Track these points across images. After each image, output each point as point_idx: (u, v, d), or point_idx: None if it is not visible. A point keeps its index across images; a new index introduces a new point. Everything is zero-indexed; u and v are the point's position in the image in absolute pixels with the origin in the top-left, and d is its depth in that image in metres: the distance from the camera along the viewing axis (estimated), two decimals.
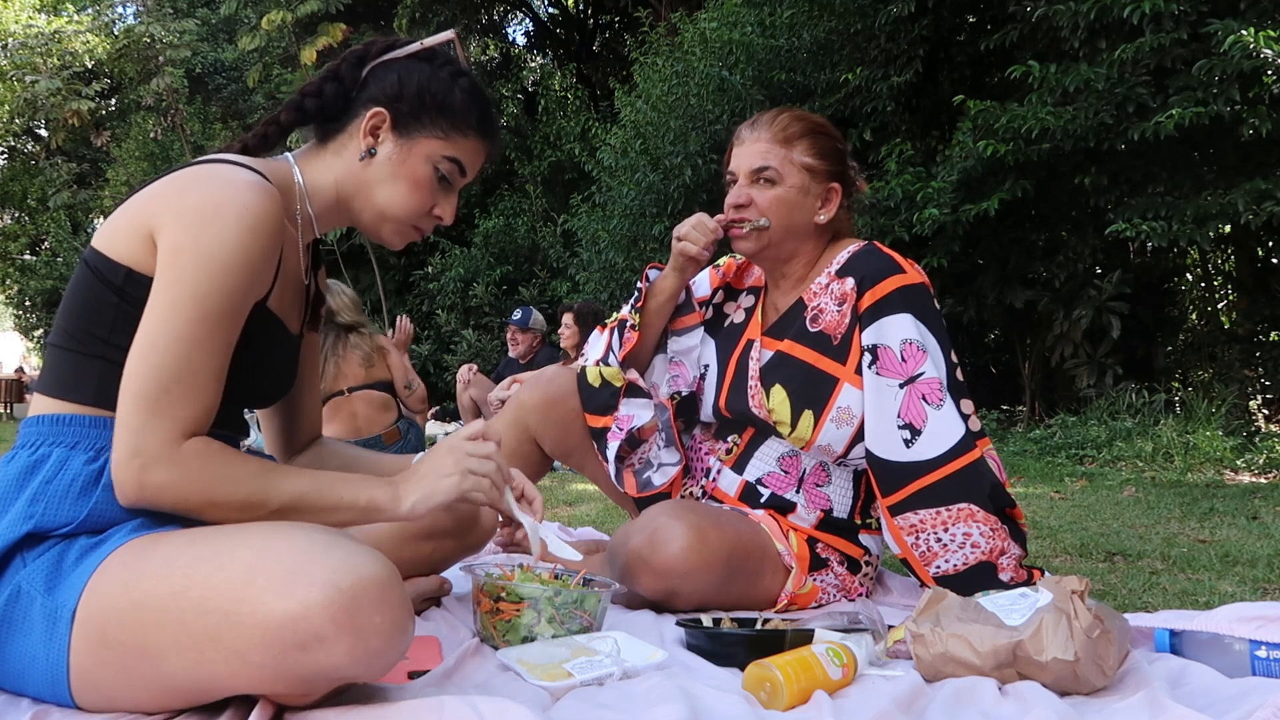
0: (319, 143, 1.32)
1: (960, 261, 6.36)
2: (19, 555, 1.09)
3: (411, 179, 1.28)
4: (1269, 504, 3.27)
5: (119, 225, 1.15)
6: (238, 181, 1.13)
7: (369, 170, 1.28)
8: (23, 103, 15.15)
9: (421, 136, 1.28)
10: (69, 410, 1.15)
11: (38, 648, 1.05)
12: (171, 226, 1.11)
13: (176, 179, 1.16)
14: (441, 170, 1.30)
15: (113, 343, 1.14)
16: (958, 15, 7.11)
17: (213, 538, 1.05)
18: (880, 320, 1.68)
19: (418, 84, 1.28)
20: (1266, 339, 6.67)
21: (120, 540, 1.08)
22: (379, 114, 1.27)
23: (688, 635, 1.44)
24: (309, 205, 1.29)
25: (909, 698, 1.16)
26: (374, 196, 1.29)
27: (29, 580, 1.07)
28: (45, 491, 1.11)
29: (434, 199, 1.31)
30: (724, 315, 1.96)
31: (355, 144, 1.28)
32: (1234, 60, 4.68)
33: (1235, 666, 1.26)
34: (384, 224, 1.31)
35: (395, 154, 1.28)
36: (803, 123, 1.78)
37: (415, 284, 12.24)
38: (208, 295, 1.09)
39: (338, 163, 1.29)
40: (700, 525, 1.62)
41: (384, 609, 0.98)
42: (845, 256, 1.79)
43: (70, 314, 1.17)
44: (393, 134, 1.28)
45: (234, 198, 1.11)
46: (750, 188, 1.76)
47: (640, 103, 7.83)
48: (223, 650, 0.97)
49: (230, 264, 1.10)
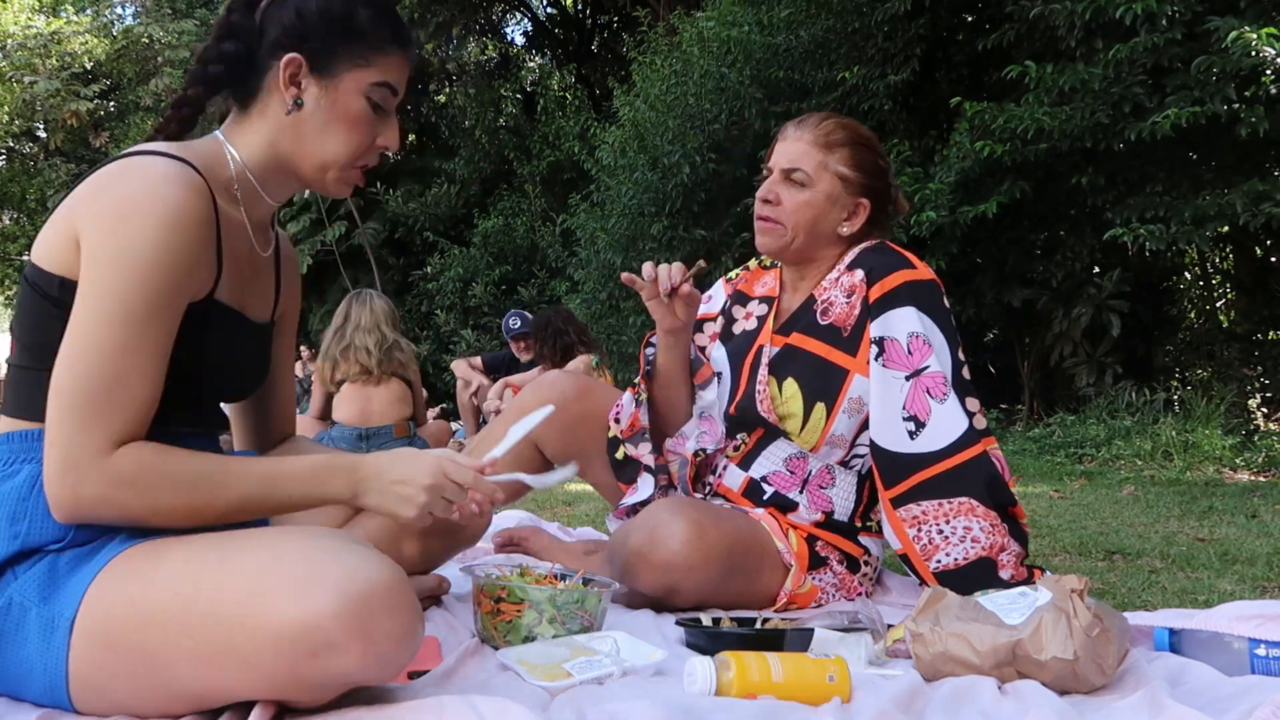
0: (240, 109, 1.22)
1: (959, 261, 6.36)
2: (9, 570, 1.07)
3: (347, 118, 1.19)
4: (1268, 502, 3.28)
5: (48, 235, 1.11)
6: (156, 174, 1.07)
7: (300, 122, 1.19)
8: (21, 104, 15.13)
9: (343, 70, 1.18)
10: (33, 426, 1.12)
11: (34, 657, 1.04)
12: (90, 229, 1.06)
13: (95, 177, 1.10)
14: (374, 99, 1.20)
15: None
16: (955, 15, 7.12)
17: (219, 545, 1.04)
18: (888, 313, 1.69)
19: (319, 12, 1.18)
20: (1265, 338, 6.68)
21: (117, 548, 1.06)
22: (293, 60, 1.17)
23: (687, 634, 1.44)
24: (250, 177, 1.20)
25: (908, 697, 1.16)
26: (314, 147, 1.19)
27: (21, 592, 1.05)
28: (24, 509, 1.08)
29: (374, 130, 1.22)
30: (734, 320, 1.96)
31: (278, 99, 1.18)
32: (1234, 58, 4.68)
33: (1234, 665, 1.26)
34: (328, 173, 1.22)
35: (323, 96, 1.18)
36: (846, 131, 1.78)
37: (414, 284, 12.24)
38: (129, 299, 1.04)
39: (265, 124, 1.20)
40: (700, 521, 1.62)
41: (395, 614, 0.98)
42: (856, 252, 1.80)
43: (21, 332, 1.14)
44: (313, 76, 1.18)
45: (150, 192, 1.06)
46: (780, 185, 1.77)
47: (639, 102, 7.82)
48: (233, 658, 0.97)
49: (150, 263, 1.05)
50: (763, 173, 1.84)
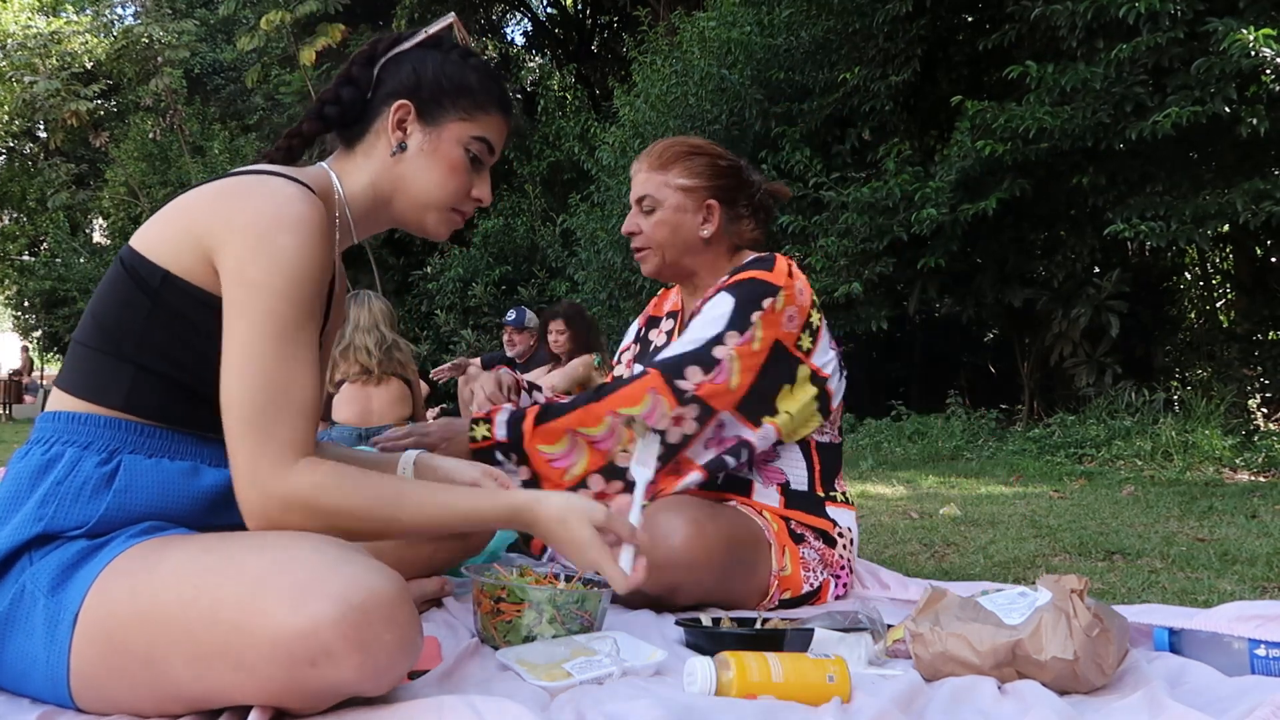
0: (346, 148, 1.32)
1: (959, 261, 6.36)
2: (27, 554, 1.08)
3: (447, 164, 1.29)
4: (1268, 502, 3.28)
5: (161, 228, 1.16)
6: (288, 193, 1.14)
7: (402, 164, 1.29)
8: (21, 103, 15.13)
9: (447, 121, 1.29)
10: (90, 410, 1.14)
11: (39, 649, 1.05)
12: (233, 245, 1.11)
13: (224, 190, 1.15)
14: (472, 151, 1.31)
15: (145, 348, 1.14)
16: (956, 15, 7.12)
17: (223, 547, 1.05)
18: (714, 297, 1.80)
19: (433, 71, 1.29)
20: (1265, 338, 6.68)
21: (124, 544, 1.07)
22: (403, 106, 1.27)
23: (687, 634, 1.44)
24: (348, 212, 1.29)
25: (908, 697, 1.16)
26: (412, 188, 1.29)
27: (33, 580, 1.06)
28: (57, 492, 1.10)
29: (470, 181, 1.32)
30: (649, 342, 2.06)
31: (383, 141, 1.29)
32: (1233, 59, 4.68)
33: (1234, 665, 1.26)
34: (428, 214, 1.31)
35: (425, 143, 1.28)
36: (678, 147, 1.90)
37: (414, 284, 12.24)
38: (283, 312, 1.10)
39: (369, 164, 1.30)
40: (698, 518, 1.63)
41: (394, 627, 0.99)
42: (743, 261, 1.89)
43: (101, 313, 1.16)
44: (419, 123, 1.28)
45: (288, 210, 1.12)
46: (638, 216, 1.91)
47: (639, 102, 7.83)
48: (230, 662, 0.97)
49: (297, 275, 1.11)
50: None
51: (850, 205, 6.22)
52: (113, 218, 16.24)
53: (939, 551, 2.49)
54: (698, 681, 1.16)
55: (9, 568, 1.08)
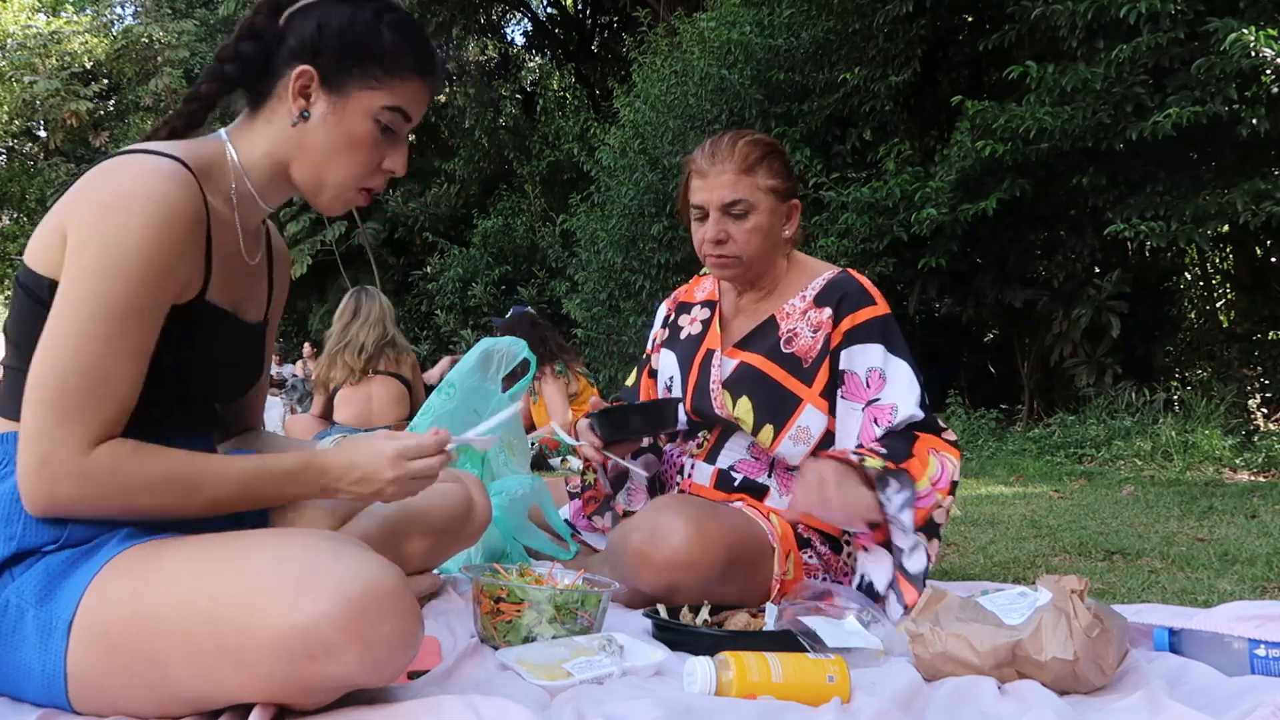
0: (251, 111, 1.21)
1: (959, 261, 6.36)
2: (5, 572, 1.06)
3: (350, 139, 1.18)
4: (1268, 503, 3.28)
5: (40, 236, 1.10)
6: (144, 170, 1.07)
7: (304, 135, 1.18)
8: (21, 103, 15.13)
9: (354, 89, 1.17)
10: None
11: (32, 658, 1.04)
12: (76, 223, 1.05)
13: (89, 175, 1.09)
14: (384, 121, 1.19)
15: None
16: (956, 15, 7.12)
17: (219, 546, 1.04)
18: (852, 348, 1.76)
19: (339, 29, 1.16)
20: (1265, 338, 6.68)
21: (114, 549, 1.06)
22: (305, 72, 1.16)
23: (653, 624, 1.47)
24: (247, 182, 1.19)
25: (908, 697, 1.16)
26: (313, 162, 1.19)
27: (18, 594, 1.05)
28: (18, 512, 1.07)
29: (380, 154, 1.21)
30: (679, 328, 2.01)
31: (285, 108, 1.17)
32: (1233, 59, 4.68)
33: (1234, 665, 1.26)
34: (325, 191, 1.21)
35: (330, 113, 1.17)
36: (759, 146, 1.80)
37: (414, 284, 12.24)
38: (112, 294, 1.03)
39: (270, 130, 1.19)
40: (699, 518, 1.63)
41: (393, 619, 0.98)
42: (821, 284, 1.83)
43: (13, 333, 1.13)
44: (323, 91, 1.16)
45: (137, 188, 1.05)
46: (724, 221, 1.78)
47: (639, 102, 7.82)
48: (231, 661, 0.97)
49: (134, 259, 1.03)
50: (691, 215, 1.84)
51: (850, 205, 6.22)
52: None
53: (939, 551, 2.48)
54: (698, 681, 1.16)
55: None
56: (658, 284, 7.34)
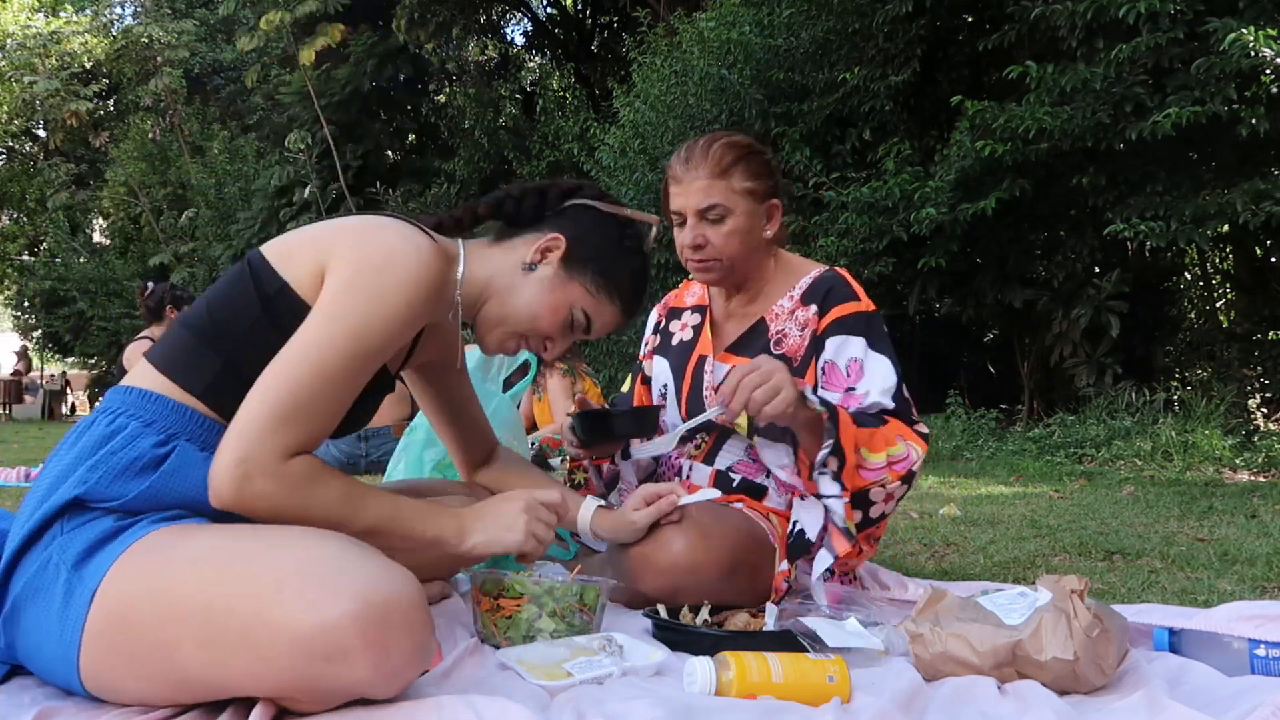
0: (493, 240, 1.41)
1: (959, 261, 6.36)
2: (58, 522, 1.10)
3: (551, 305, 1.36)
4: (1268, 503, 3.28)
5: (293, 243, 1.24)
6: (419, 240, 1.22)
7: (522, 279, 1.36)
8: (21, 103, 15.15)
9: (578, 280, 1.37)
10: (164, 390, 1.18)
11: (53, 621, 1.06)
12: (349, 262, 1.17)
13: (361, 221, 1.24)
14: (575, 317, 1.39)
15: (241, 346, 1.18)
16: (955, 15, 7.12)
17: (247, 537, 1.06)
18: (835, 338, 1.76)
19: (602, 237, 1.39)
20: (1265, 338, 6.68)
21: (149, 527, 1.09)
22: (557, 239, 1.36)
23: (654, 624, 1.47)
24: (459, 293, 1.35)
25: (908, 697, 1.16)
26: (511, 301, 1.36)
27: (60, 552, 1.08)
28: (108, 461, 1.13)
29: (555, 333, 1.39)
30: (670, 334, 2.00)
31: (522, 253, 1.37)
32: (1233, 59, 4.68)
33: (1234, 665, 1.26)
34: (503, 328, 1.38)
35: (550, 279, 1.36)
36: (734, 149, 1.77)
37: None
38: (365, 335, 1.15)
39: (499, 261, 1.37)
40: (702, 521, 1.63)
41: (410, 630, 1.00)
42: (808, 283, 1.83)
43: (215, 305, 1.22)
44: (560, 262, 1.37)
45: (414, 254, 1.19)
46: (702, 227, 1.76)
47: (638, 102, 7.82)
48: (246, 652, 0.98)
49: (395, 313, 1.17)
50: (671, 221, 1.83)
51: (850, 205, 6.22)
52: (112, 218, 16.24)
53: (939, 552, 2.49)
54: (698, 681, 1.17)
55: (40, 536, 1.10)
56: (658, 284, 7.34)
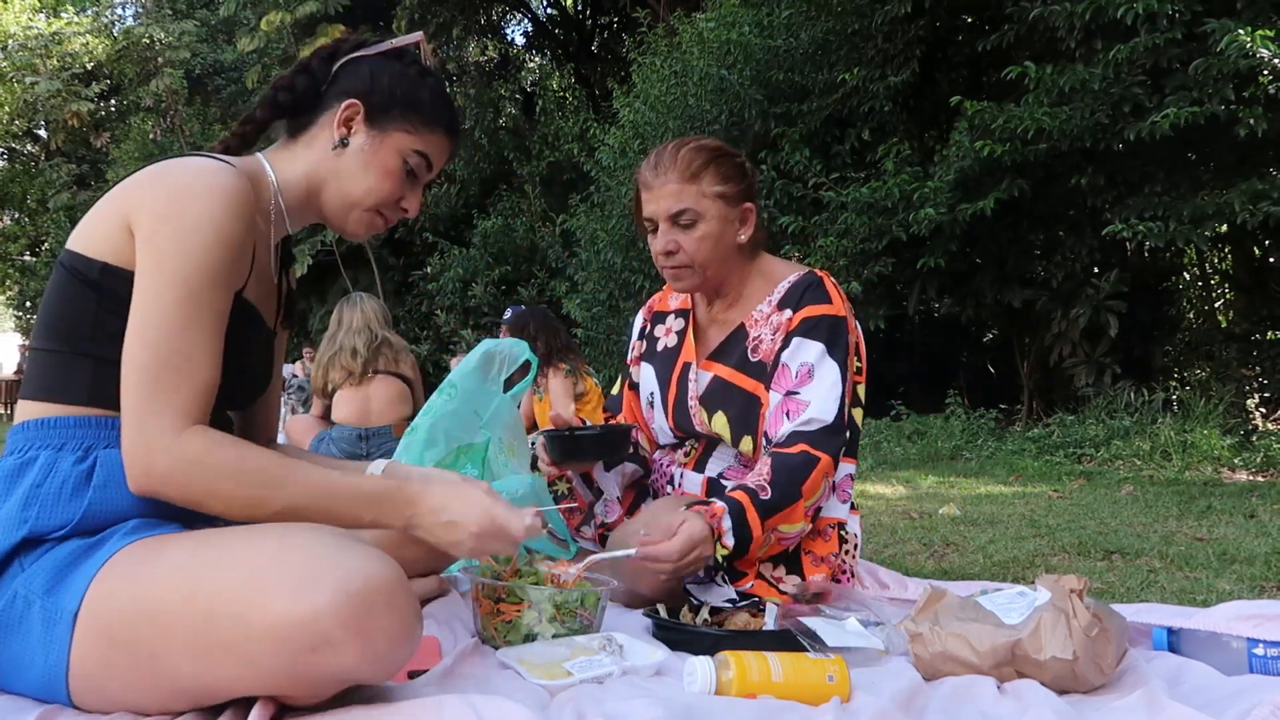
0: (289, 137, 1.34)
1: (958, 261, 6.37)
2: (16, 560, 1.08)
3: (383, 168, 1.31)
4: (1266, 502, 3.28)
5: (93, 222, 1.17)
6: (212, 167, 1.16)
7: (340, 160, 1.30)
8: (22, 104, 15.15)
9: (393, 129, 1.31)
10: (56, 413, 1.14)
11: (35, 650, 1.05)
12: (147, 212, 1.12)
13: (148, 170, 1.18)
14: (410, 164, 1.33)
15: (99, 340, 1.14)
16: (955, 16, 7.12)
17: (220, 541, 1.05)
18: (795, 339, 1.72)
19: (389, 80, 1.32)
20: (1264, 338, 6.68)
21: (120, 543, 1.08)
22: (353, 105, 1.30)
23: (653, 623, 1.48)
24: (281, 199, 1.30)
25: (908, 696, 1.17)
26: (344, 185, 1.31)
27: (26, 584, 1.06)
28: (37, 495, 1.10)
29: (402, 190, 1.34)
30: (655, 340, 1.98)
31: (326, 135, 1.31)
32: (1231, 60, 4.69)
33: (1233, 664, 1.27)
34: (352, 211, 1.32)
35: (367, 144, 1.30)
36: (703, 153, 1.75)
37: (414, 284, 12.23)
38: (190, 273, 1.10)
39: (308, 153, 1.31)
40: None
41: (393, 613, 0.99)
42: (786, 287, 1.80)
43: (51, 317, 1.17)
44: (365, 125, 1.31)
45: (208, 180, 1.14)
46: (673, 233, 1.75)
47: (638, 103, 7.83)
48: (232, 654, 0.98)
49: (208, 239, 1.11)
50: (645, 228, 1.83)
51: (849, 205, 6.22)
52: None
53: (938, 551, 2.49)
54: (698, 681, 1.17)
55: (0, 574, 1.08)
56: (657, 284, 7.24)
